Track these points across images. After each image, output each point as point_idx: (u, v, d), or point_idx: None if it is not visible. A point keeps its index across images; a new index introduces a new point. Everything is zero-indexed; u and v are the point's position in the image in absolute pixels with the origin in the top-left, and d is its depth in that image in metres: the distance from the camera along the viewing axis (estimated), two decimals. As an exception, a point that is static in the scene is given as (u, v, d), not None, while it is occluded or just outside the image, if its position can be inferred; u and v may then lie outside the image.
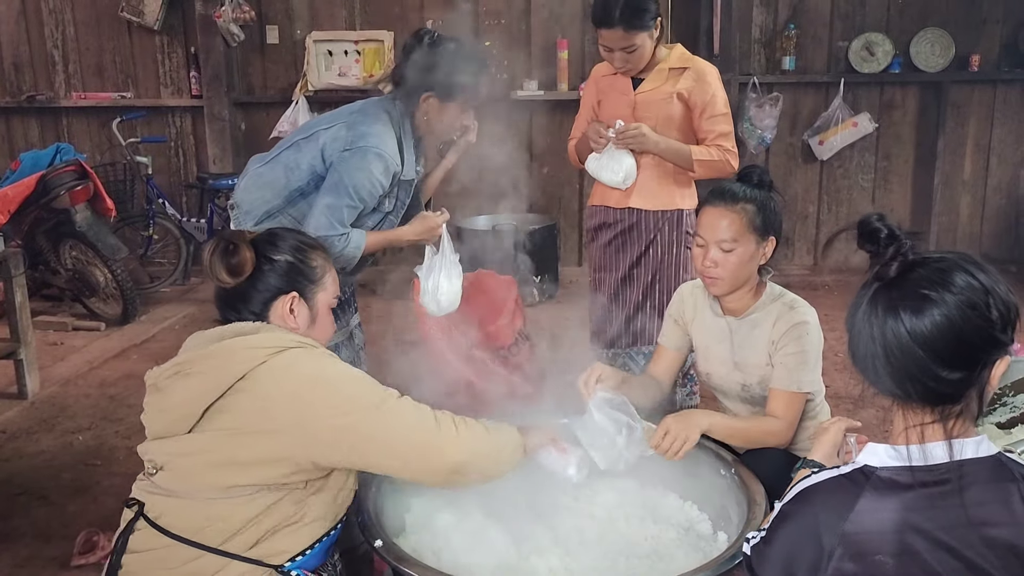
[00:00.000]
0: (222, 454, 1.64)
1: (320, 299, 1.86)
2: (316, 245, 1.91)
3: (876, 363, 1.25)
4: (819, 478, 1.29)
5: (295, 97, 5.78)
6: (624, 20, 2.72)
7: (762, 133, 5.66)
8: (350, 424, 1.66)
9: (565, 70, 5.79)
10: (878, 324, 1.24)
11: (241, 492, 1.65)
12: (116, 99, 6.12)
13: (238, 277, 1.77)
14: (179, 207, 6.04)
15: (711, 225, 2.12)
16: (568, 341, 3.28)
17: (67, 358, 4.53)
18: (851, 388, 3.82)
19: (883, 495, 1.22)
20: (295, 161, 2.49)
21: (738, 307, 2.22)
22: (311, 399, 1.65)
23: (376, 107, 2.51)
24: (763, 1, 5.83)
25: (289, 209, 2.48)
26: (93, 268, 5.01)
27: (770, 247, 2.15)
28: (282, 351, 1.68)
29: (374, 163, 2.39)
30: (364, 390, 1.72)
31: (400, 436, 1.69)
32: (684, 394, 3.00)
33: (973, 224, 6.16)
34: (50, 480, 3.17)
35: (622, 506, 2.13)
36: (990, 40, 5.82)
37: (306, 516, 1.71)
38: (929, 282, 1.22)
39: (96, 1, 6.08)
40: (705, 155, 2.86)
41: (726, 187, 2.15)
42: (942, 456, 1.24)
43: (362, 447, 1.68)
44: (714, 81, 2.90)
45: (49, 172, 4.70)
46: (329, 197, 2.40)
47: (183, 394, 1.67)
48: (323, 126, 2.50)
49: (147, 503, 1.70)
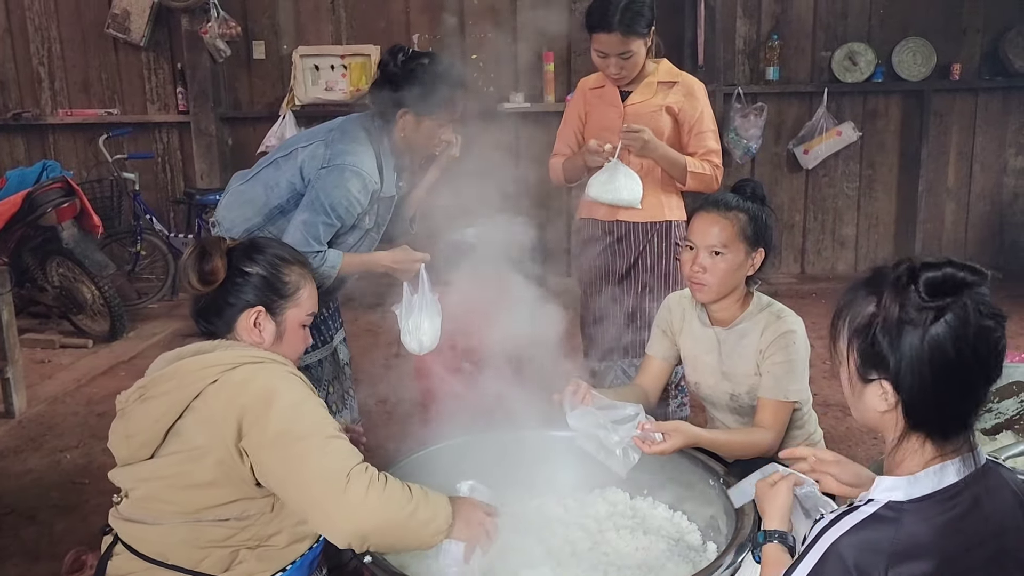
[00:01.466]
0: (181, 478, 1.62)
1: (291, 315, 1.81)
2: (294, 260, 1.86)
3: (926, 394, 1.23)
4: (841, 528, 1.22)
5: (282, 112, 5.79)
6: (623, 24, 2.71)
7: (747, 143, 5.70)
8: (290, 443, 1.58)
9: (551, 82, 5.84)
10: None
11: (208, 515, 1.63)
12: (102, 115, 6.11)
13: (208, 285, 1.75)
14: (166, 223, 6.03)
15: (702, 230, 2.13)
16: (557, 351, 3.28)
17: (55, 376, 4.51)
18: (839, 396, 3.84)
19: (916, 527, 1.20)
20: (274, 179, 2.48)
21: (725, 317, 2.23)
22: (258, 408, 1.60)
23: (355, 124, 2.50)
24: (746, 12, 5.89)
25: (269, 227, 2.47)
26: (80, 285, 4.99)
27: (759, 259, 2.16)
28: (235, 367, 1.64)
29: (351, 180, 2.38)
30: (316, 415, 1.65)
31: (313, 485, 1.58)
32: (675, 405, 3.01)
33: (958, 231, 6.22)
34: (38, 499, 3.15)
35: (612, 517, 2.13)
36: (971, 49, 5.90)
37: (279, 538, 1.69)
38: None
39: (82, 18, 6.09)
40: (698, 168, 2.87)
41: (720, 196, 2.19)
42: (956, 475, 1.23)
43: (288, 467, 1.59)
44: (702, 97, 2.92)
45: (35, 189, 4.68)
46: (306, 213, 2.39)
47: (144, 419, 1.65)
48: (301, 144, 2.50)
49: (118, 530, 1.70)
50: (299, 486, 1.60)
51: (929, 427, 1.24)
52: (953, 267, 1.21)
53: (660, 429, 1.93)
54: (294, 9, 5.98)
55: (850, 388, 1.32)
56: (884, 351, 1.23)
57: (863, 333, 1.26)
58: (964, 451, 1.25)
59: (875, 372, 1.25)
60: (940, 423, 1.24)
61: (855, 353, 1.28)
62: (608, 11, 2.71)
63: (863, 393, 1.29)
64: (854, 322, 1.28)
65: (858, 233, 6.20)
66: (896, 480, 1.24)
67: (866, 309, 1.26)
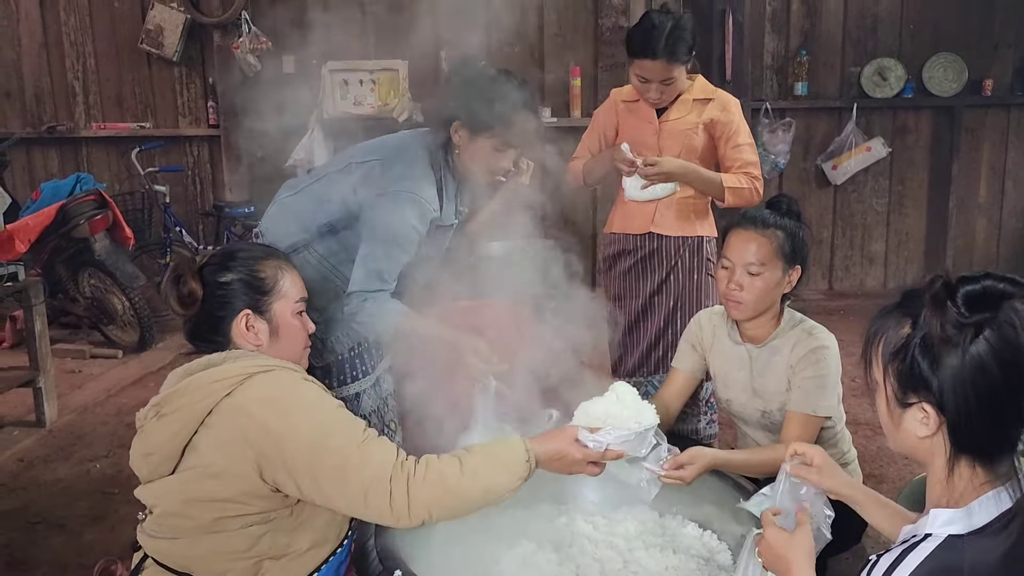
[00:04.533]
0: (200, 492, 1.63)
1: (278, 308, 1.79)
2: (265, 255, 1.83)
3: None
4: (909, 566, 1.16)
5: (310, 125, 5.84)
6: (667, 52, 2.65)
7: (775, 158, 5.67)
8: (321, 451, 1.59)
9: (578, 97, 5.84)
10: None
11: (226, 526, 1.63)
12: (135, 129, 6.19)
13: (190, 308, 1.75)
14: (195, 235, 6.09)
15: (740, 248, 2.11)
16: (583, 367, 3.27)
17: (85, 386, 4.56)
18: (869, 414, 3.79)
19: (978, 560, 1.15)
20: (327, 194, 2.31)
21: (758, 334, 2.21)
22: (278, 424, 1.60)
23: (416, 144, 2.31)
24: (775, 28, 5.87)
25: (316, 245, 2.31)
26: (111, 296, 5.06)
27: (795, 276, 2.14)
28: (247, 379, 1.64)
29: (409, 208, 2.19)
30: (336, 415, 1.66)
31: (361, 489, 1.59)
32: (705, 422, 2.98)
33: (990, 248, 6.13)
34: (67, 509, 3.18)
35: (641, 536, 2.12)
36: (1003, 64, 5.83)
37: (301, 543, 1.69)
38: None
39: (116, 34, 6.19)
40: (735, 183, 2.82)
41: (757, 212, 2.16)
42: (1009, 501, 1.19)
43: (327, 479, 1.59)
44: (737, 111, 2.89)
45: (69, 202, 4.77)
46: (365, 247, 2.22)
47: (160, 436, 1.66)
48: (357, 159, 2.33)
49: (145, 546, 1.71)
50: (345, 496, 1.61)
51: (977, 450, 1.20)
52: (992, 279, 1.17)
53: (679, 463, 1.90)
54: (324, 24, 6.03)
55: (888, 415, 1.28)
56: (924, 372, 1.19)
57: (900, 355, 1.22)
58: (1012, 475, 1.20)
59: (914, 395, 1.21)
60: (989, 445, 1.20)
61: (892, 378, 1.24)
62: (652, 38, 2.64)
63: (902, 419, 1.25)
64: (889, 345, 1.24)
65: (887, 250, 6.13)
66: (953, 513, 1.20)
67: (901, 331, 1.22)
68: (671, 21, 2.66)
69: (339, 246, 2.31)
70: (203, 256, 1.83)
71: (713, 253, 2.99)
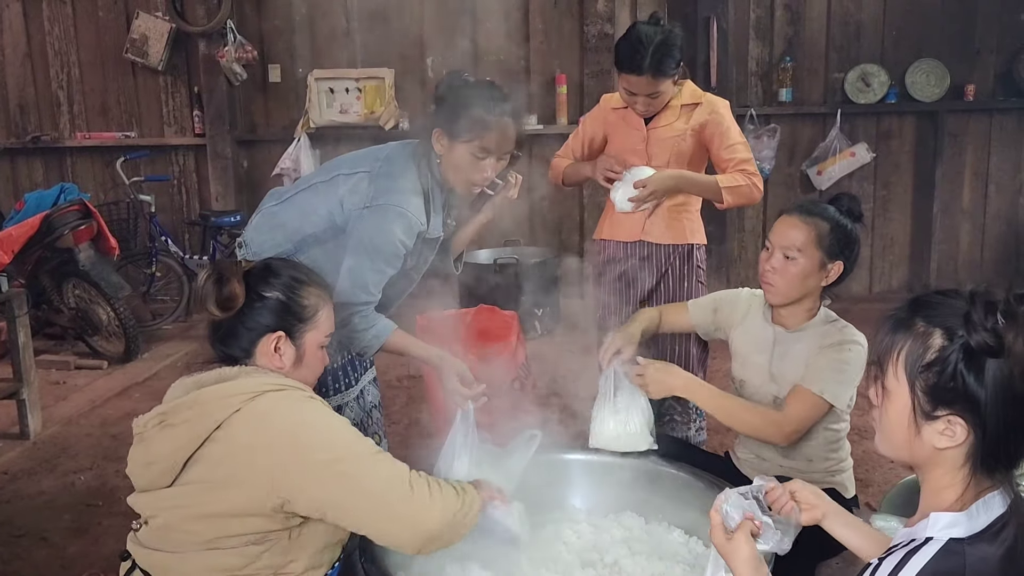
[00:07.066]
0: (200, 507, 1.61)
1: (309, 339, 1.78)
2: (311, 281, 1.81)
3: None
4: (913, 568, 1.17)
5: (297, 134, 5.84)
6: (653, 67, 2.64)
7: (761, 164, 5.69)
8: (341, 467, 1.59)
9: (564, 104, 5.86)
10: None
11: (224, 544, 1.61)
12: (120, 139, 6.18)
13: (228, 311, 1.70)
14: (181, 245, 6.08)
15: (781, 231, 2.14)
16: (571, 374, 3.27)
17: (69, 397, 4.53)
18: (855, 419, 3.79)
19: (978, 564, 1.16)
20: (312, 205, 2.30)
21: (790, 322, 2.22)
22: (292, 443, 1.59)
23: (404, 156, 2.31)
24: (759, 35, 5.91)
25: (299, 255, 2.27)
26: (96, 306, 5.02)
27: (835, 271, 2.13)
28: (258, 396, 1.62)
29: (396, 222, 2.19)
30: (350, 435, 1.66)
31: (380, 497, 1.61)
32: (694, 429, 2.98)
33: (974, 252, 6.17)
34: (51, 521, 3.15)
35: (627, 542, 2.11)
36: (985, 70, 5.89)
37: (296, 564, 1.67)
38: None
39: (101, 43, 6.18)
40: (731, 182, 2.79)
41: (809, 202, 2.21)
42: (1002, 506, 1.20)
43: (344, 491, 1.60)
44: (726, 112, 2.88)
45: (53, 212, 4.74)
46: (350, 259, 2.22)
47: (165, 446, 1.63)
48: (344, 170, 2.31)
49: (136, 556, 1.69)
50: (362, 507, 1.60)
51: (1003, 462, 1.20)
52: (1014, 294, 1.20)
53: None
54: (310, 33, 6.04)
55: (902, 426, 1.25)
56: (968, 386, 1.18)
57: (933, 368, 1.19)
58: (1004, 481, 1.22)
59: (945, 408, 1.20)
60: (1016, 458, 1.20)
61: (919, 390, 1.22)
62: (638, 53, 2.63)
63: (921, 430, 1.23)
64: (917, 357, 1.21)
65: (872, 254, 6.17)
66: (955, 517, 1.20)
67: (930, 342, 1.20)
68: (659, 35, 2.63)
69: (324, 257, 2.29)
70: (246, 263, 1.81)
71: (703, 261, 2.99)
